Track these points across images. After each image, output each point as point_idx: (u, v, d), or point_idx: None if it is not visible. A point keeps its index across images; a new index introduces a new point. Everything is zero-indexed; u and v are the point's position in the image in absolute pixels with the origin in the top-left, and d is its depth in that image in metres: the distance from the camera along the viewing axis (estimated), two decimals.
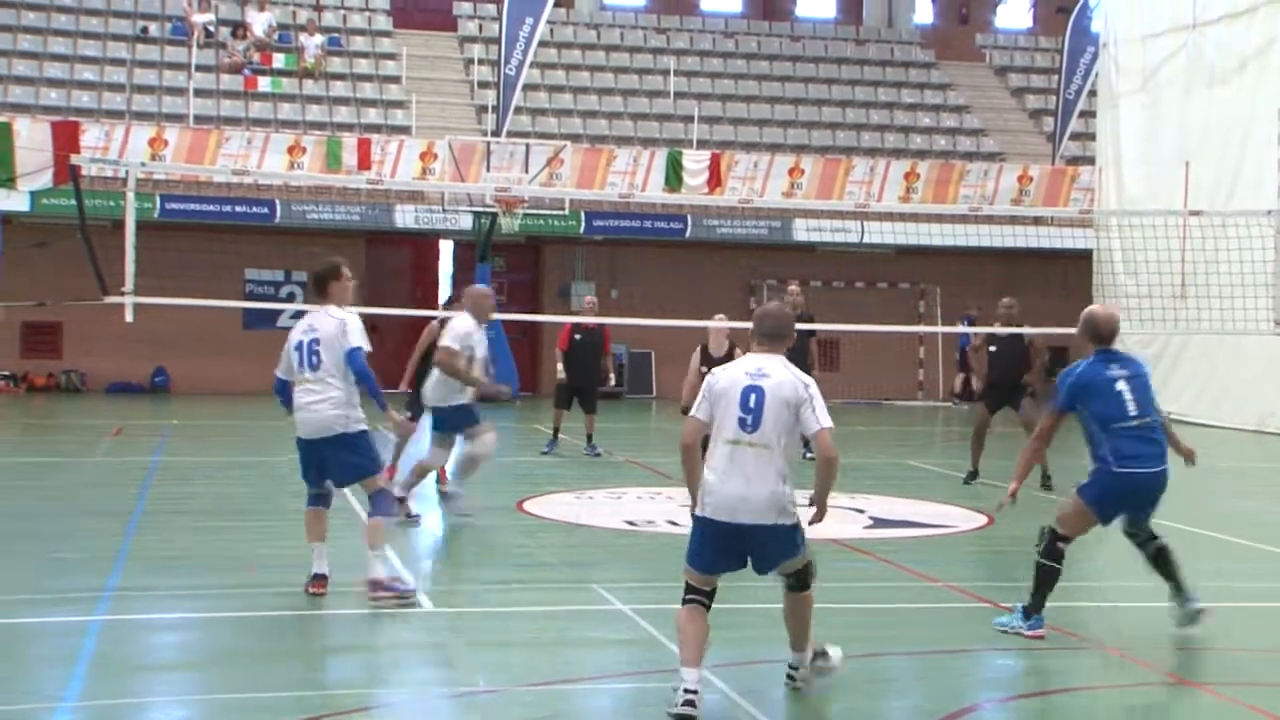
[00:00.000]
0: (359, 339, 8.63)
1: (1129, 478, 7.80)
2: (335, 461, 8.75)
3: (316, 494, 8.96)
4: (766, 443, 6.33)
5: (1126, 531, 8.21)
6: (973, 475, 14.75)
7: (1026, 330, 14.92)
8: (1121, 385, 7.87)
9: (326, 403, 8.64)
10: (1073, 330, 8.28)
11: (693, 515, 6.51)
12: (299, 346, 8.77)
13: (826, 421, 6.41)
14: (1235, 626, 8.71)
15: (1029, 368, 14.68)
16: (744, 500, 6.30)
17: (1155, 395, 8.11)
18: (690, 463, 6.50)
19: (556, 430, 17.35)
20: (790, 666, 6.74)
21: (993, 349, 14.91)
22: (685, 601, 6.47)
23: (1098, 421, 7.85)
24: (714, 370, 6.65)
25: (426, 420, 12.60)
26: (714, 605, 6.49)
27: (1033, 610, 7.97)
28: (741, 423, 6.36)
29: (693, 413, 6.55)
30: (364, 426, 8.72)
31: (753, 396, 6.38)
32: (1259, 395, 21.98)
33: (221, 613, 8.38)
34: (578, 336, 17.28)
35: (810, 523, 6.49)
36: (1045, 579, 7.97)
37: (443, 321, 13.53)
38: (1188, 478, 10.96)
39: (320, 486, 8.93)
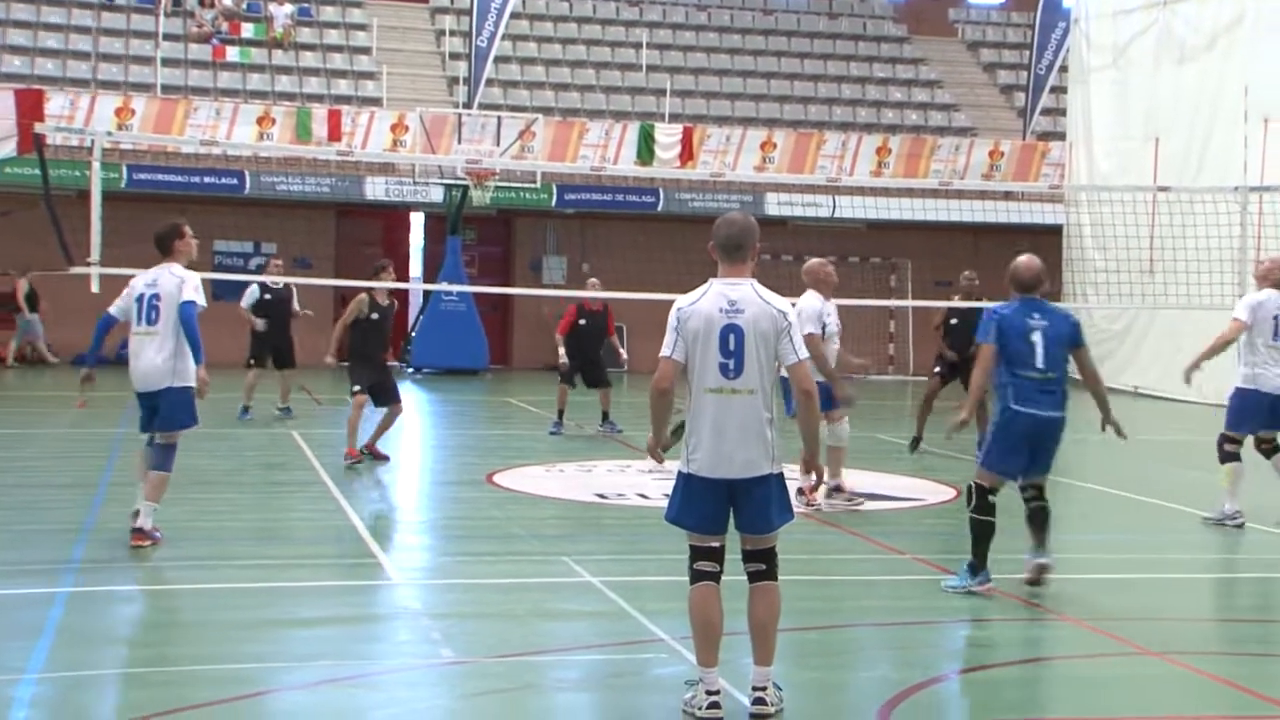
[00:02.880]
0: (193, 294, 9.23)
1: (1026, 417, 8.22)
2: (159, 411, 9.30)
3: (152, 440, 9.40)
4: (751, 387, 5.89)
5: (1021, 486, 8.55)
6: (916, 442, 15.08)
7: (986, 305, 15.14)
8: (1036, 336, 8.27)
9: (159, 356, 9.25)
10: None
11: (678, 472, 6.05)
12: (140, 298, 9.34)
13: (804, 352, 6.00)
14: (1192, 596, 8.80)
15: None
16: (735, 453, 5.87)
17: (1074, 344, 8.44)
18: (663, 406, 6.02)
19: (561, 410, 16.18)
20: (755, 687, 5.92)
21: (953, 321, 15.20)
22: (694, 579, 5.95)
23: (1006, 363, 8.28)
24: (683, 306, 6.03)
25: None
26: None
27: (978, 567, 8.31)
28: (724, 369, 5.89)
29: (666, 353, 5.97)
30: (189, 383, 9.27)
31: (731, 337, 5.89)
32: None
33: (188, 584, 8.36)
34: (582, 322, 16.17)
35: (812, 489, 6.22)
36: (980, 534, 8.33)
37: (371, 292, 13.74)
38: (1147, 450, 11.01)
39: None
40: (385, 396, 13.58)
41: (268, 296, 17.22)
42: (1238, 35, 22.65)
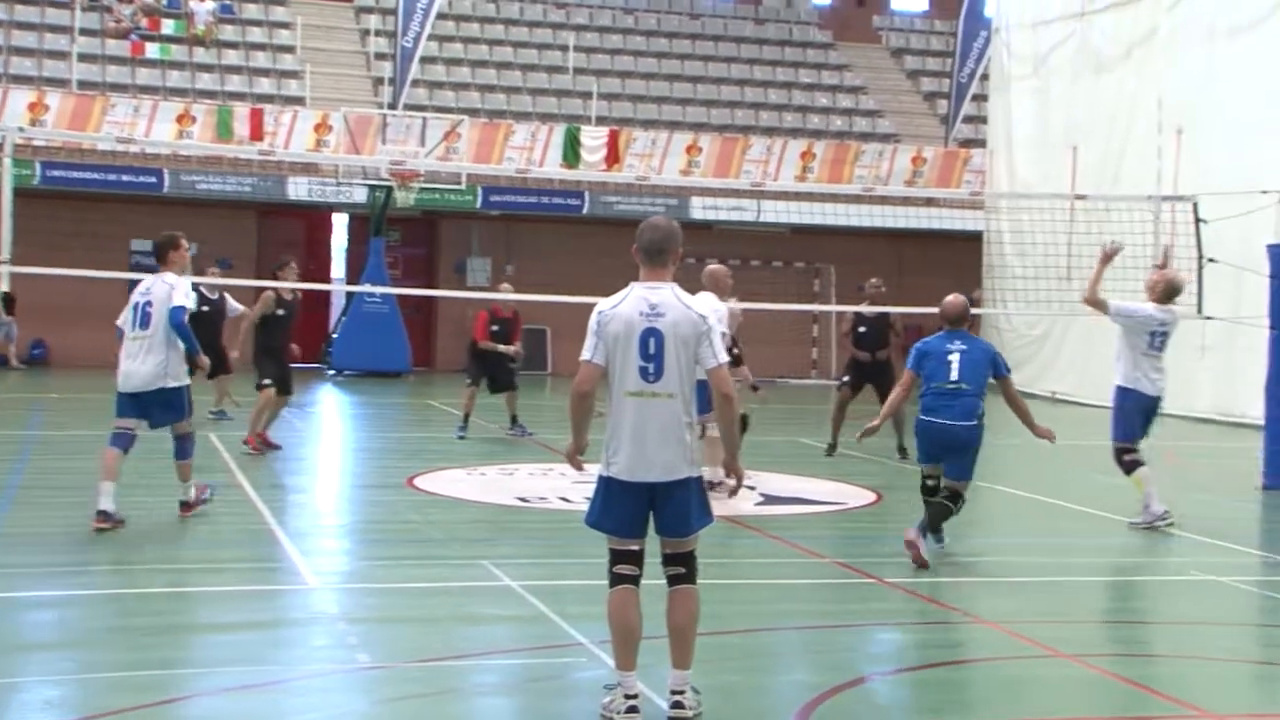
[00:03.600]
0: (181, 300, 9.92)
1: (927, 424, 9.49)
2: (156, 411, 10.05)
3: (118, 434, 10.06)
4: (671, 391, 5.90)
5: (929, 485, 9.59)
6: (832, 448, 15.29)
7: (893, 310, 15.69)
8: (953, 357, 9.45)
9: (151, 359, 9.88)
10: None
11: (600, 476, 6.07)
12: (135, 306, 10.02)
13: (723, 356, 5.99)
14: (1104, 599, 8.93)
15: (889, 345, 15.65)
16: (655, 457, 5.87)
17: (993, 371, 9.52)
18: (583, 410, 6.02)
19: (467, 414, 16.15)
20: (674, 691, 5.90)
21: (861, 329, 15.47)
22: (613, 582, 5.95)
23: (926, 379, 9.51)
24: (603, 309, 6.04)
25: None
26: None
27: (928, 531, 9.44)
28: (643, 372, 5.89)
29: (587, 356, 5.98)
30: (182, 383, 10.03)
31: (652, 341, 5.90)
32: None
33: (99, 590, 8.21)
34: (494, 328, 16.15)
35: (730, 496, 6.27)
36: (929, 509, 9.49)
37: (277, 291, 14.33)
38: (1064, 455, 11.25)
39: (121, 430, 10.06)
40: (283, 388, 14.36)
41: (204, 308, 15.96)
42: (1152, 47, 23.05)
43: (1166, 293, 11.24)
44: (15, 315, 24.79)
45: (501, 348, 16.16)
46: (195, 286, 16.62)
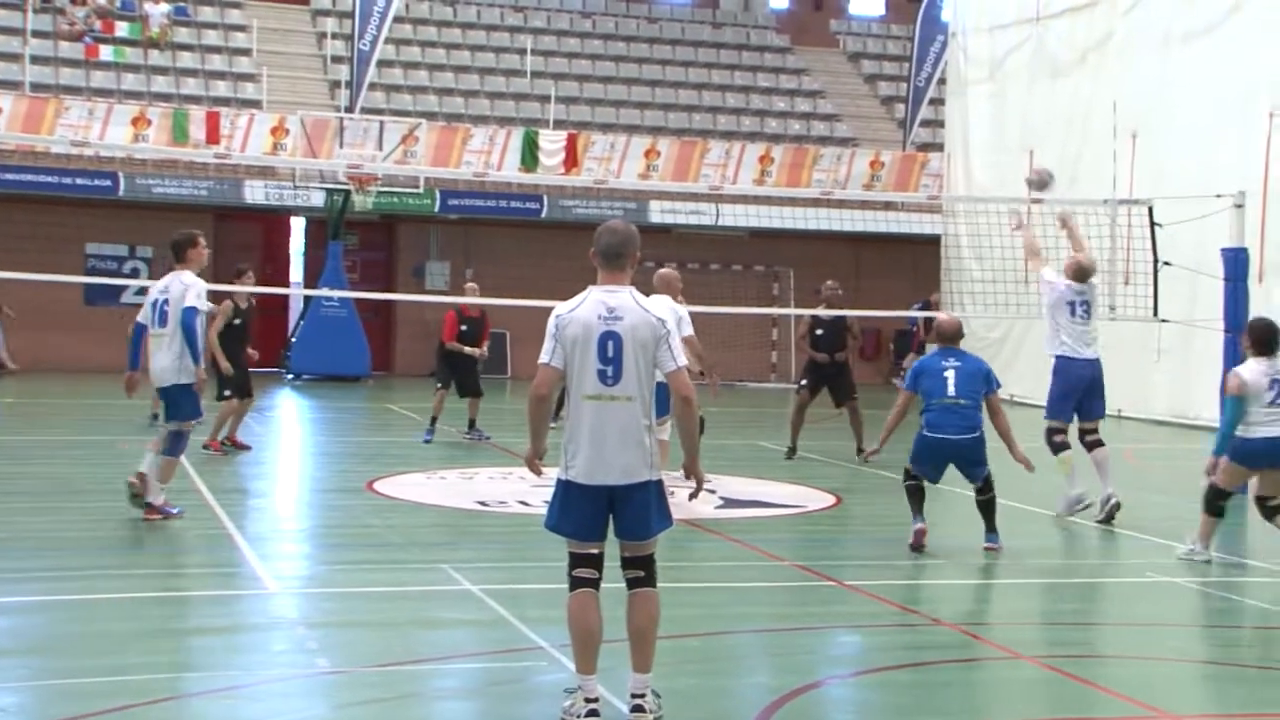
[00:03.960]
0: (194, 300, 10.29)
1: (932, 440, 9.96)
2: (166, 403, 10.53)
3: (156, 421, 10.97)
4: (630, 394, 5.90)
5: (912, 477, 10.13)
6: (792, 451, 15.34)
7: (849, 313, 15.80)
8: (949, 373, 9.99)
9: (168, 356, 10.31)
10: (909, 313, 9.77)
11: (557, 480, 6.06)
12: (154, 304, 10.45)
13: (682, 360, 6.02)
14: (1063, 601, 9.00)
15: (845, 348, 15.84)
16: (614, 460, 5.87)
17: (986, 388, 10.07)
18: (541, 413, 6.06)
19: (435, 418, 16.12)
20: (634, 694, 5.90)
21: (819, 332, 15.55)
22: (573, 586, 5.95)
23: (924, 396, 10.01)
24: (561, 313, 6.04)
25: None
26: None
27: (914, 514, 10.10)
28: (602, 375, 5.89)
29: (545, 360, 5.99)
30: (190, 380, 10.34)
31: (610, 344, 5.90)
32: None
33: (55, 595, 8.12)
34: (463, 328, 16.21)
35: (691, 498, 6.27)
36: (911, 494, 10.15)
37: (233, 296, 14.77)
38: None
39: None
40: (243, 393, 14.70)
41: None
42: (1107, 52, 23.24)
43: (1078, 274, 12.00)
44: (4, 318, 24.49)
45: (468, 350, 16.18)
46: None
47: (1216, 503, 9.86)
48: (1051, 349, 11.92)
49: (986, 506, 10.14)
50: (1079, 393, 11.74)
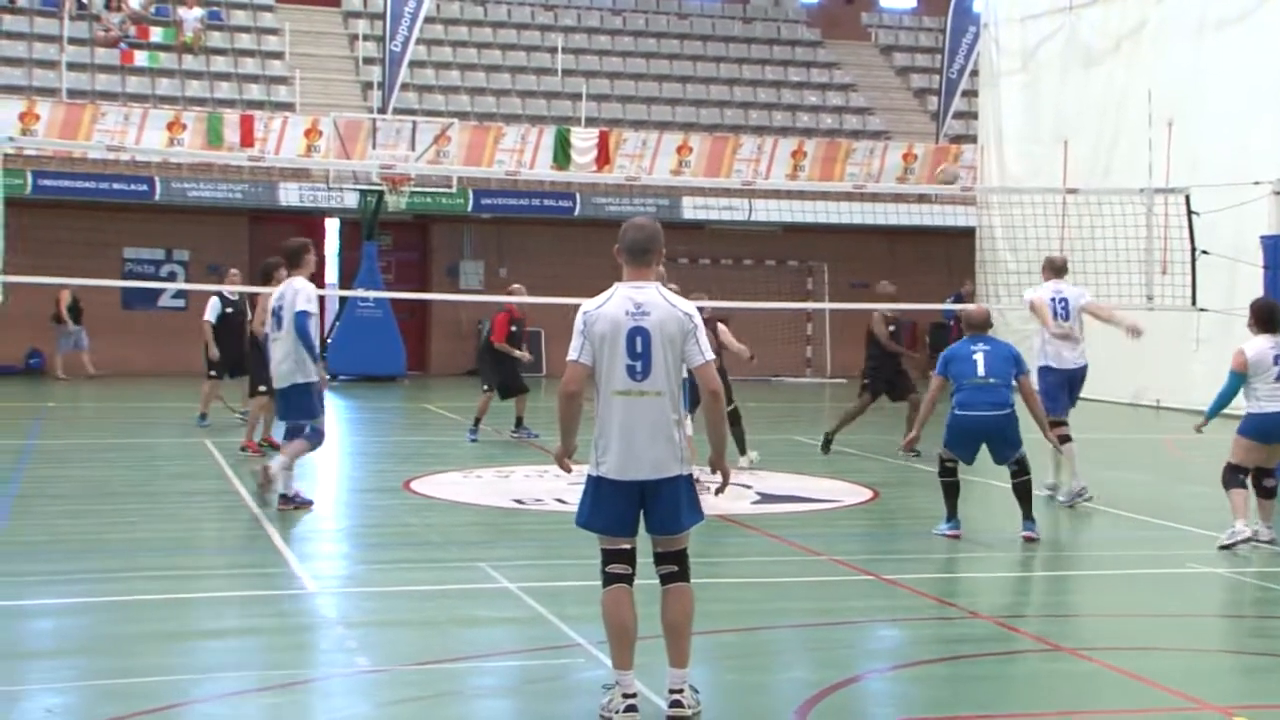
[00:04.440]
0: (305, 304, 10.85)
1: (964, 419, 10.07)
2: (286, 403, 11.09)
3: (290, 428, 11.32)
4: (659, 389, 5.92)
5: (947, 466, 10.26)
6: (829, 444, 15.26)
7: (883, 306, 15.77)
8: (978, 356, 10.14)
9: (286, 359, 10.92)
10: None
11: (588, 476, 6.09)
12: (274, 310, 11.09)
13: (710, 354, 6.04)
14: (1102, 592, 8.94)
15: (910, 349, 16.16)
16: (645, 455, 5.88)
17: (1016, 369, 10.19)
18: (572, 411, 6.04)
19: (478, 419, 16.20)
20: (672, 690, 5.89)
21: (892, 329, 15.48)
22: (606, 582, 5.97)
23: (955, 379, 10.14)
24: (589, 310, 6.06)
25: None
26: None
27: (950, 515, 10.22)
28: (631, 371, 5.90)
29: (574, 357, 5.99)
30: (307, 380, 10.87)
31: (638, 340, 5.91)
32: (1133, 369, 22.55)
33: (98, 597, 8.20)
34: (513, 329, 16.19)
35: (717, 493, 6.27)
36: (948, 491, 10.25)
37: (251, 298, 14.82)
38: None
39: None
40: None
41: (229, 310, 16.36)
42: (1141, 40, 23.06)
43: (1052, 270, 12.51)
44: (84, 324, 24.87)
45: (517, 353, 16.19)
46: (219, 292, 16.73)
47: (1234, 477, 10.02)
48: (1043, 358, 12.20)
49: (1022, 490, 10.14)
50: (1069, 385, 12.09)
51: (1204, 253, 14.64)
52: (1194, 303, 15.01)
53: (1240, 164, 18.03)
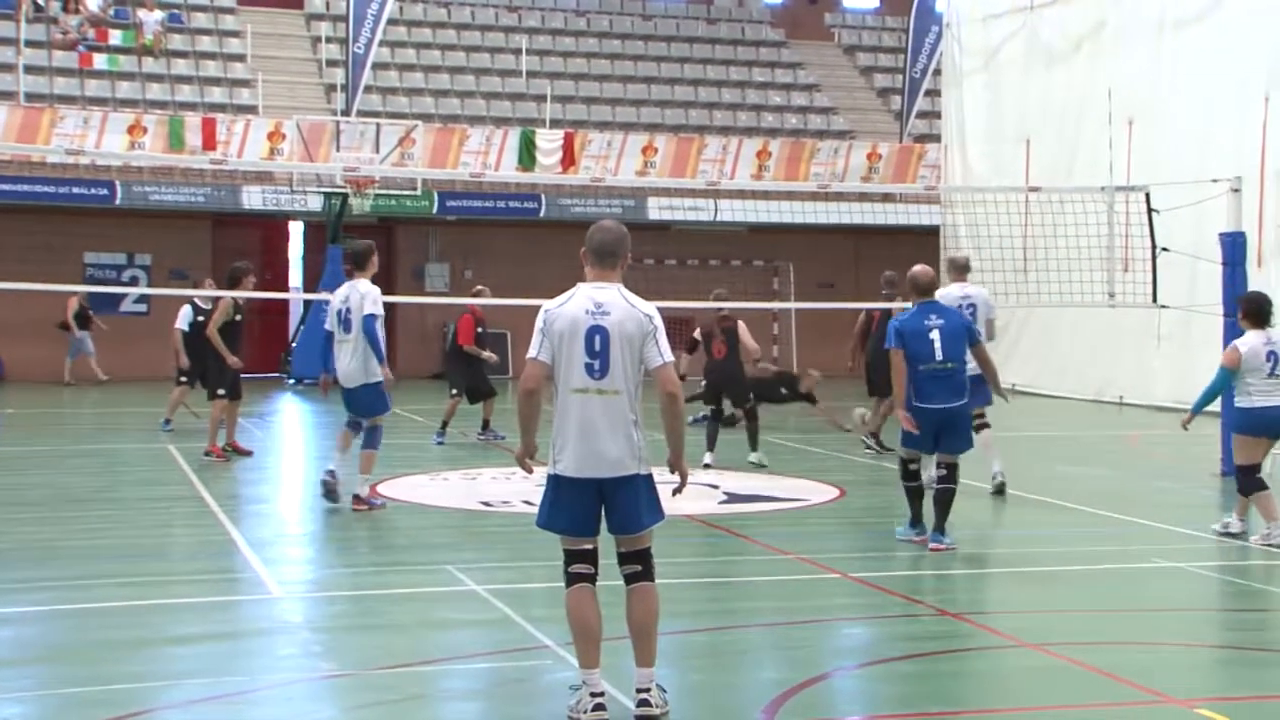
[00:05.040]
0: (372, 307, 11.16)
1: (926, 411, 9.72)
2: (355, 402, 11.44)
3: (350, 420, 11.55)
4: (617, 388, 5.93)
5: (937, 464, 9.89)
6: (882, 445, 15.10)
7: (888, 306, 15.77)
8: (934, 334, 9.70)
9: (354, 359, 11.24)
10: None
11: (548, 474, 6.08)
12: (339, 313, 11.33)
13: (669, 355, 6.05)
14: (1067, 588, 8.99)
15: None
16: (602, 453, 5.90)
17: (969, 340, 9.89)
18: (531, 409, 6.05)
19: (446, 422, 16.25)
20: (639, 690, 5.90)
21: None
22: (569, 582, 6.00)
23: (910, 361, 9.69)
24: (550, 308, 6.09)
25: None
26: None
27: (914, 520, 10.01)
28: (589, 369, 5.93)
29: (533, 355, 6.03)
30: (377, 379, 11.26)
31: (597, 338, 5.94)
32: (1096, 366, 22.71)
33: (59, 605, 8.11)
34: (479, 330, 16.26)
35: (674, 494, 6.29)
36: (911, 496, 10.04)
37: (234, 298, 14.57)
38: (1025, 446, 11.39)
39: (351, 416, 11.56)
40: (234, 394, 14.81)
41: (200, 318, 15.89)
42: (1101, 39, 23.22)
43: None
44: (91, 330, 24.76)
45: (484, 354, 16.20)
46: (190, 299, 16.56)
47: (1250, 479, 10.01)
48: None
49: (944, 499, 9.77)
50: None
51: (1164, 250, 14.74)
52: (1155, 299, 15.12)
53: (1201, 162, 18.17)
